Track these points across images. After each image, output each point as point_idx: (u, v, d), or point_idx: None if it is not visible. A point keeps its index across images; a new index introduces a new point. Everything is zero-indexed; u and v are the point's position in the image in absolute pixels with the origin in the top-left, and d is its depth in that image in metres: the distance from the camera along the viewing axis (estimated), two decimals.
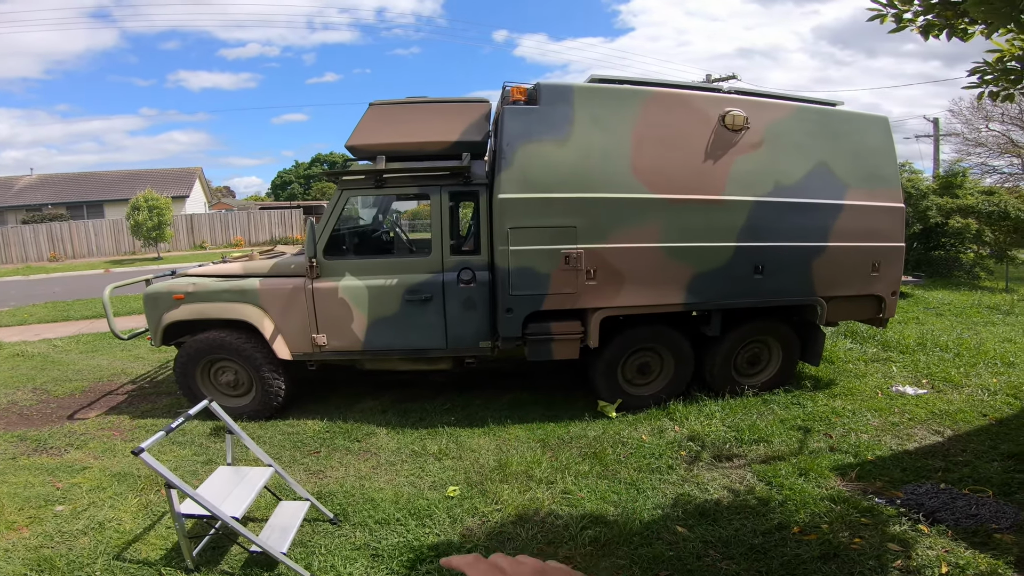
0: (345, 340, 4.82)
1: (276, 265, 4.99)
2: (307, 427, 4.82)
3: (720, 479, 3.80)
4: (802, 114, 4.94)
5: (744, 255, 4.81)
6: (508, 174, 4.43)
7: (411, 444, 4.45)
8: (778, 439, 4.36)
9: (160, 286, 5.08)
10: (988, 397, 5.25)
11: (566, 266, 4.53)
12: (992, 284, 12.98)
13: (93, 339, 8.70)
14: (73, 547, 3.17)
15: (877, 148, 5.18)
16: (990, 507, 3.34)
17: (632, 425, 4.69)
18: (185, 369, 4.98)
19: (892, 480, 3.74)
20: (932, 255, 13.39)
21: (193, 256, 24.58)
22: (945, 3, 2.86)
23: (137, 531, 3.33)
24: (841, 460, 4.03)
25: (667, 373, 5.14)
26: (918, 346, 6.92)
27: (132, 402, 5.75)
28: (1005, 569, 2.76)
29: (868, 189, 5.09)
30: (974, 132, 22.26)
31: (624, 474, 3.86)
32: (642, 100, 4.59)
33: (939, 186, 13.87)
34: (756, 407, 4.97)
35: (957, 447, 4.23)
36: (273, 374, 4.93)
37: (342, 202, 4.81)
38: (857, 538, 3.06)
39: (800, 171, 4.88)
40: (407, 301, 4.73)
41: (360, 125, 4.80)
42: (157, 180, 31.75)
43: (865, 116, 5.22)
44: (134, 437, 4.78)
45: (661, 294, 4.75)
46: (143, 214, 22.67)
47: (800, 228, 4.92)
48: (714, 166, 4.68)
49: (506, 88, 4.48)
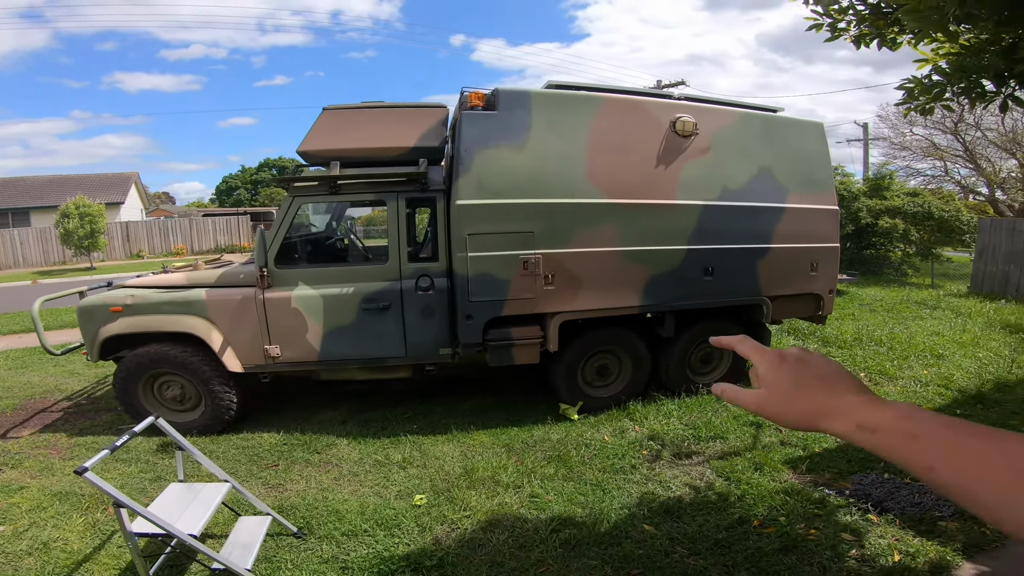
0: (300, 351, 4.70)
1: (224, 275, 4.82)
2: (263, 440, 4.68)
3: (681, 476, 3.90)
4: (747, 120, 5.15)
5: (695, 257, 4.97)
6: (466, 180, 4.43)
7: (374, 454, 4.38)
8: (733, 435, 4.52)
9: (96, 298, 4.82)
10: (921, 388, 5.59)
11: (525, 271, 4.57)
12: (919, 280, 13.84)
13: (23, 354, 8.18)
14: (19, 568, 3.04)
15: (813, 153, 5.45)
16: (932, 495, 3.53)
17: (594, 427, 4.77)
18: (126, 385, 4.74)
19: (840, 471, 3.94)
20: (864, 254, 14.16)
21: (130, 266, 23.42)
22: (877, 13, 3.05)
23: (86, 551, 3.20)
24: (792, 453, 4.21)
25: (625, 374, 5.24)
26: (855, 341, 7.30)
27: (69, 419, 5.45)
28: (953, 556, 2.94)
29: (806, 193, 5.35)
30: (900, 136, 23.67)
31: (589, 475, 3.92)
32: (597, 106, 4.67)
33: (869, 188, 14.70)
34: (711, 405, 5.13)
35: None
36: (223, 387, 4.76)
37: (294, 209, 4.69)
38: (813, 529, 3.20)
39: (745, 176, 5.08)
40: (364, 310, 4.66)
41: (313, 130, 4.70)
42: (89, 186, 30.05)
43: (803, 122, 5.49)
44: (73, 455, 4.55)
45: (617, 297, 4.85)
46: (74, 222, 21.41)
47: (746, 231, 5.12)
48: (665, 171, 4.81)
49: (464, 93, 4.48)
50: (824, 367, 0.71)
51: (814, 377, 0.70)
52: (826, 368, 0.70)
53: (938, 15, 2.46)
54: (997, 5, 2.34)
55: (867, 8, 3.07)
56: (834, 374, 0.70)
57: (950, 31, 2.80)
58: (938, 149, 22.82)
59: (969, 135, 21.52)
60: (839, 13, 3.10)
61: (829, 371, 0.70)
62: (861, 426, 0.63)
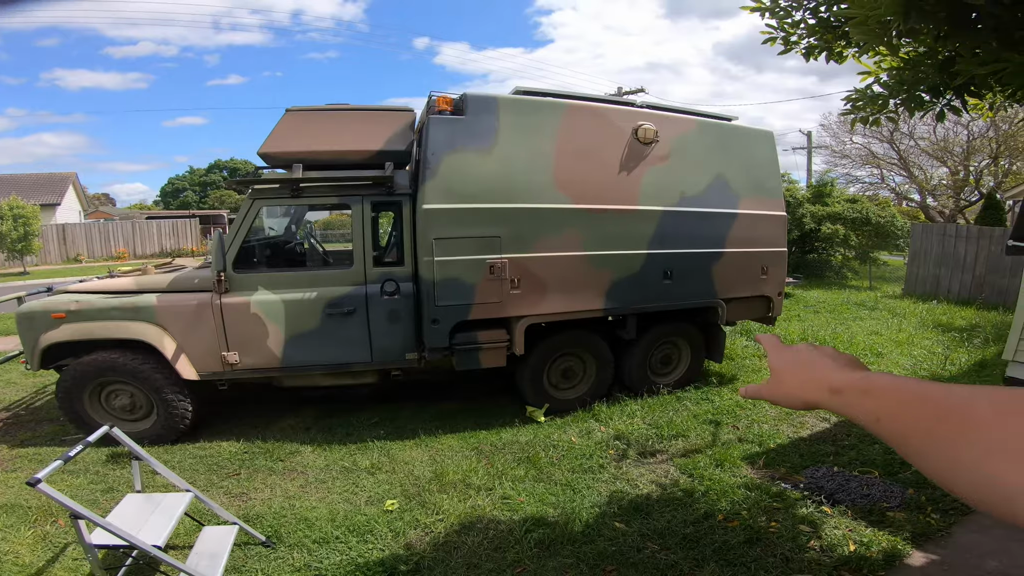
0: (260, 357, 4.59)
1: (176, 280, 4.65)
2: (222, 449, 4.54)
3: (647, 474, 4.01)
4: (703, 128, 5.34)
5: (655, 261, 5.11)
6: (433, 184, 4.43)
7: (340, 460, 4.31)
8: (694, 433, 4.67)
9: (35, 304, 4.58)
10: None
11: (491, 276, 4.60)
12: (858, 283, 14.55)
13: None
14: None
15: (764, 161, 5.70)
16: (879, 487, 3.75)
17: (561, 428, 4.83)
18: (70, 394, 4.52)
19: (793, 466, 4.13)
20: (807, 258, 14.81)
21: (67, 271, 22.23)
22: (826, 27, 3.23)
23: (39, 564, 3.08)
24: (749, 450, 4.38)
25: (590, 376, 5.34)
26: (801, 340, 7.57)
27: (8, 430, 5.16)
28: (904, 545, 3.12)
29: (757, 199, 5.59)
30: (840, 145, 24.85)
31: (559, 476, 3.97)
32: (563, 112, 4.76)
33: (812, 195, 15.38)
34: (671, 404, 5.29)
35: (842, 432, 4.72)
36: (177, 395, 4.59)
37: (253, 212, 4.57)
38: (773, 522, 3.34)
39: (702, 182, 5.27)
40: (328, 315, 4.59)
41: (275, 131, 4.59)
42: (23, 186, 28.25)
43: (754, 131, 5.73)
44: (16, 467, 4.32)
45: (582, 301, 4.94)
46: (7, 224, 20.15)
47: (702, 236, 5.31)
48: (628, 177, 4.94)
49: (432, 97, 4.48)
50: (818, 353, 0.76)
51: (805, 361, 0.76)
52: (820, 353, 0.76)
53: (882, 29, 2.64)
54: (937, 22, 2.52)
55: (817, 22, 3.25)
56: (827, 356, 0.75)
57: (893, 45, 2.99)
58: (875, 157, 24.07)
59: (903, 144, 22.81)
60: (791, 27, 3.27)
61: (822, 355, 0.75)
62: (832, 390, 0.68)
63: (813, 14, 3.27)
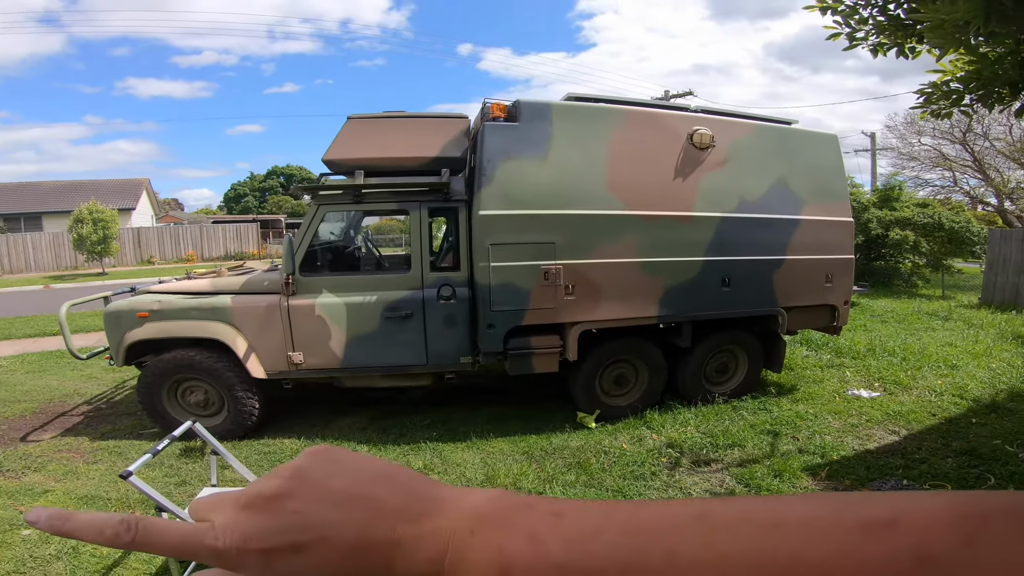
0: (323, 358, 4.77)
1: (248, 282, 4.89)
2: (284, 446, 4.73)
3: (701, 483, 3.95)
4: (762, 132, 5.22)
5: (712, 268, 5.02)
6: (489, 191, 4.50)
7: (394, 460, 4.43)
8: (750, 443, 4.56)
9: (122, 303, 4.88)
10: (935, 398, 5.61)
11: (546, 282, 4.63)
12: (929, 292, 13.81)
13: (39, 358, 8.27)
14: (48, 572, 3.06)
15: (828, 165, 5.52)
16: None
17: (612, 434, 4.81)
18: (150, 389, 4.80)
19: (859, 478, 3.98)
20: (874, 265, 14.16)
21: (140, 271, 23.62)
22: (897, 24, 3.12)
23: (115, 555, 3.21)
24: (810, 461, 4.25)
25: (642, 383, 5.29)
26: (868, 352, 7.32)
27: (90, 423, 5.51)
28: None
29: (821, 204, 5.41)
30: (908, 147, 23.66)
31: (610, 482, 3.96)
32: (616, 118, 4.75)
33: (878, 199, 14.70)
34: (727, 413, 5.18)
35: (913, 445, 4.52)
36: (247, 393, 4.82)
37: (319, 217, 4.78)
38: None
39: (761, 188, 5.15)
40: (387, 318, 4.72)
41: (338, 139, 4.77)
42: (101, 191, 30.31)
43: (817, 134, 5.56)
44: (96, 459, 4.58)
45: (636, 307, 4.90)
46: (87, 227, 21.60)
47: (762, 242, 5.18)
48: (684, 183, 4.88)
49: (486, 104, 4.56)
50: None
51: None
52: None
53: (960, 33, 2.53)
54: (1020, 23, 2.40)
55: (887, 19, 3.14)
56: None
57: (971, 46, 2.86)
58: (947, 159, 22.79)
59: (977, 145, 21.50)
60: (858, 23, 3.17)
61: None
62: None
63: (882, 12, 3.17)
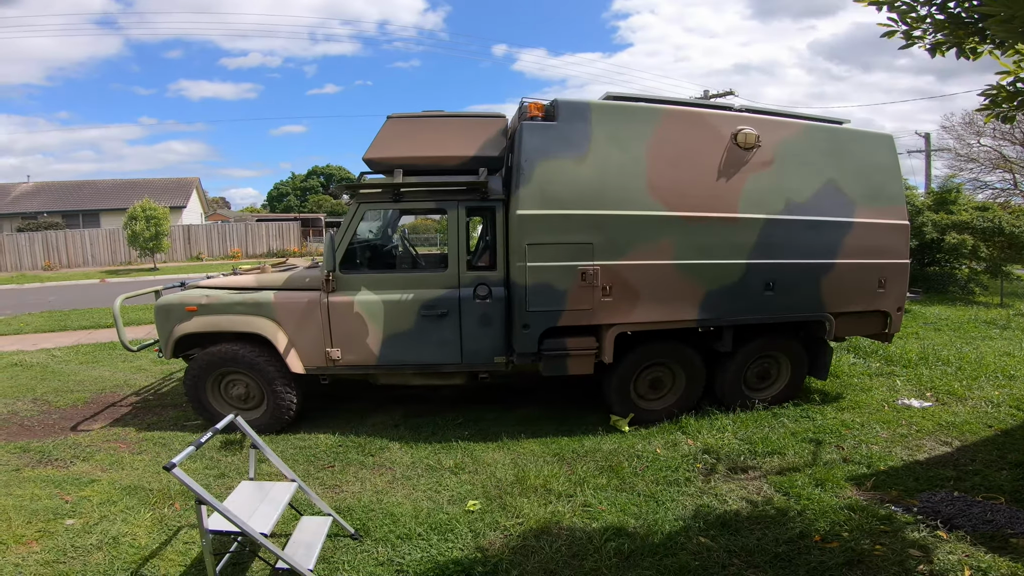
0: (360, 354, 4.82)
1: (291, 278, 4.98)
2: (319, 441, 4.80)
3: (737, 490, 3.83)
4: (811, 132, 5.04)
5: (756, 272, 4.87)
6: (527, 190, 4.47)
7: (426, 458, 4.44)
8: (791, 451, 4.40)
9: (172, 298, 5.05)
10: (992, 409, 5.33)
11: (583, 282, 4.57)
12: (987, 299, 13.15)
13: (93, 349, 8.63)
14: (88, 563, 3.10)
15: (883, 166, 5.29)
16: (1004, 513, 3.40)
17: (645, 439, 4.71)
18: (196, 382, 4.94)
19: (907, 489, 3.80)
20: (927, 271, 13.57)
21: (189, 267, 24.47)
22: (957, 22, 2.95)
23: (153, 546, 3.25)
24: (855, 471, 4.08)
25: (678, 388, 5.17)
26: (920, 360, 7.00)
27: (137, 414, 5.70)
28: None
29: (874, 206, 5.19)
30: (966, 148, 22.59)
31: (642, 487, 3.88)
32: (657, 118, 4.66)
33: (933, 202, 14.08)
34: (767, 420, 5.02)
35: (966, 457, 4.30)
36: (285, 388, 4.91)
37: (359, 215, 4.83)
38: (878, 545, 3.10)
39: (810, 189, 4.97)
40: (423, 316, 4.74)
41: (378, 138, 4.81)
42: (154, 190, 31.64)
43: (871, 134, 5.33)
44: (142, 450, 4.72)
45: (675, 310, 4.79)
46: (140, 224, 22.57)
47: (810, 245, 5.00)
48: (727, 184, 4.75)
49: (524, 104, 4.53)
50: None
51: None
52: None
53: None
54: None
55: (946, 17, 2.98)
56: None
57: None
58: (1007, 161, 21.67)
59: None
60: (916, 21, 3.01)
61: None
62: None
63: (941, 9, 3.00)
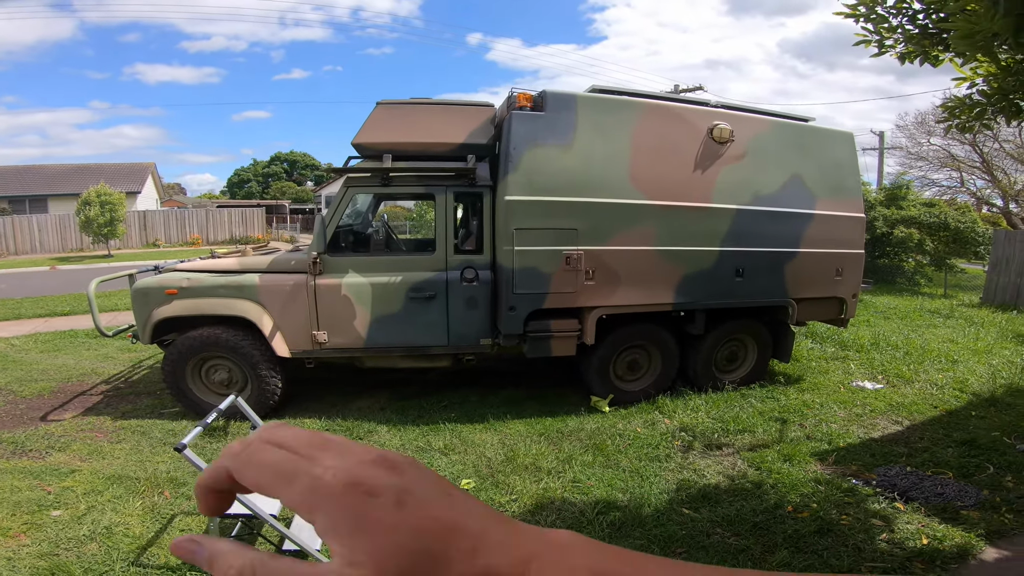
0: (347, 337, 4.87)
1: (275, 261, 4.96)
2: (305, 425, 4.82)
3: (714, 466, 4.09)
4: (780, 129, 5.33)
5: (727, 259, 5.15)
6: (515, 177, 4.61)
7: (415, 440, 4.55)
8: (760, 429, 4.70)
9: (151, 280, 4.90)
10: (937, 391, 5.77)
11: (567, 266, 4.75)
12: (931, 290, 13.95)
13: (52, 338, 8.29)
14: (82, 554, 3.02)
15: (843, 162, 5.64)
16: (953, 487, 3.75)
17: (625, 418, 4.95)
18: (175, 368, 4.82)
19: (865, 464, 4.13)
20: (878, 263, 14.28)
21: (146, 255, 23.67)
22: (924, 33, 3.21)
23: (148, 535, 3.19)
24: (818, 447, 4.39)
25: (655, 369, 5.43)
26: (872, 345, 7.46)
27: (110, 402, 5.54)
28: (977, 541, 3.14)
29: (834, 200, 5.53)
30: (916, 146, 23.70)
31: (626, 463, 4.10)
32: (640, 111, 4.86)
33: (885, 198, 14.80)
34: (736, 401, 5.32)
35: (915, 435, 4.66)
36: (270, 372, 4.87)
37: (348, 198, 4.88)
38: (844, 515, 3.39)
39: (777, 182, 5.26)
40: (411, 299, 4.83)
41: (367, 123, 4.84)
42: (107, 175, 30.22)
43: (834, 132, 5.67)
44: (120, 439, 4.60)
45: (653, 294, 5.03)
46: (95, 209, 21.66)
47: (776, 235, 5.31)
48: (702, 176, 4.99)
49: (513, 93, 4.66)
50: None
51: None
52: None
53: (987, 43, 2.63)
54: None
55: (915, 28, 3.23)
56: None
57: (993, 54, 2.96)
58: (955, 160, 22.84)
59: (987, 146, 21.55)
60: (888, 32, 3.26)
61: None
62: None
63: (911, 21, 3.26)
